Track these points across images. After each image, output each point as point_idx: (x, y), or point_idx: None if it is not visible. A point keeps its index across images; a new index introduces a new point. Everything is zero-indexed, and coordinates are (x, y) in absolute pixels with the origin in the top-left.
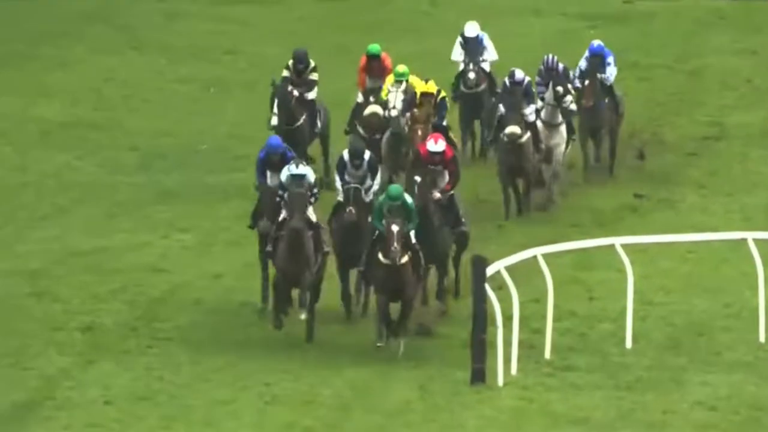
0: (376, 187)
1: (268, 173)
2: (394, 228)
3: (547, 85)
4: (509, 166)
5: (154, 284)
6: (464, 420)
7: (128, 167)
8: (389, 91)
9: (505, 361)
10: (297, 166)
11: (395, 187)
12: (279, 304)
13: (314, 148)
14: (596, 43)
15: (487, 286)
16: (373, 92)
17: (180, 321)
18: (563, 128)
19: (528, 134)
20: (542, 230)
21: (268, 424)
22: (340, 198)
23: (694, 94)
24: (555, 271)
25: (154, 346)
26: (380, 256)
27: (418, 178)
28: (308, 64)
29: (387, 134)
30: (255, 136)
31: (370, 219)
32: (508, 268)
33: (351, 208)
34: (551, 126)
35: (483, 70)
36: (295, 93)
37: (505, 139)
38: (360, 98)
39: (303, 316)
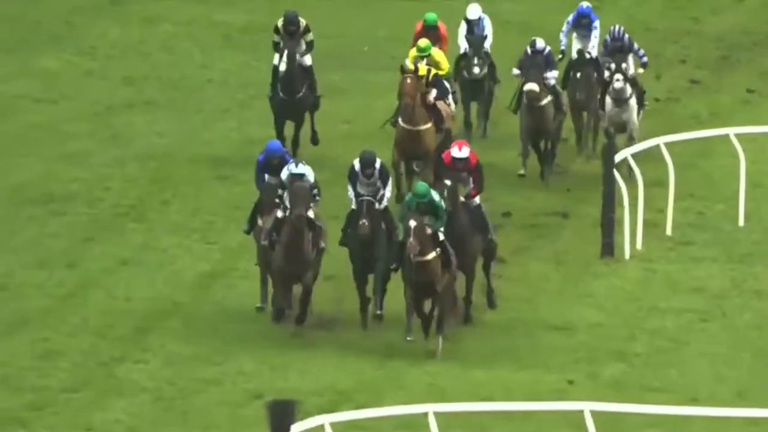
0: (388, 194)
1: (266, 177)
2: (411, 223)
3: (611, 56)
4: (530, 128)
5: None
6: (594, 289)
7: None
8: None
9: (631, 237)
10: (297, 165)
11: (422, 185)
12: (279, 300)
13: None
14: (585, 4)
15: (615, 172)
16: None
17: None
18: (633, 101)
19: (549, 97)
20: (663, 124)
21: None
22: (353, 206)
23: None
24: (675, 159)
25: None
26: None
27: (448, 182)
28: (299, 24)
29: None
30: (407, 38)
31: (383, 226)
32: (634, 155)
33: (364, 220)
34: (620, 101)
35: (486, 55)
36: (297, 57)
37: (525, 98)
38: (407, 64)
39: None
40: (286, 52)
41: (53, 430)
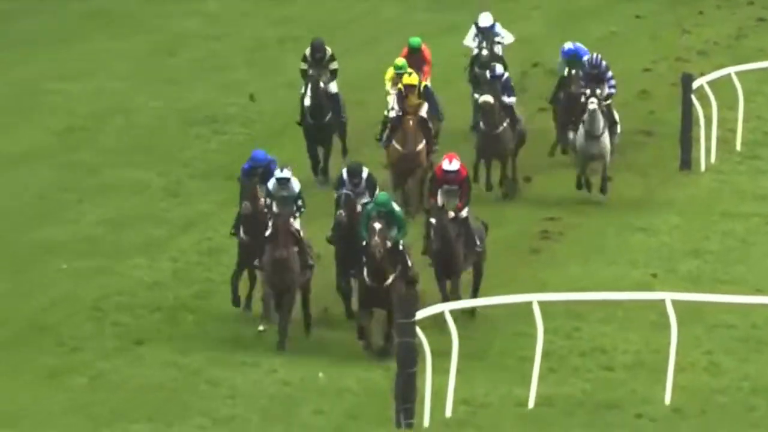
0: None
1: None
2: (377, 225)
3: (587, 83)
4: (486, 153)
5: None
6: (674, 197)
7: None
8: (389, 93)
9: (706, 153)
10: (282, 170)
11: (383, 194)
12: (266, 313)
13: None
14: (567, 46)
15: (692, 97)
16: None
17: None
18: (605, 137)
19: (506, 123)
20: (734, 56)
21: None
22: (341, 211)
23: None
24: (744, 85)
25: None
26: (365, 274)
27: (433, 201)
28: (325, 53)
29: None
30: None
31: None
32: (710, 82)
33: (341, 211)
34: (592, 137)
35: (496, 54)
36: (322, 84)
37: (480, 109)
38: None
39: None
40: (310, 82)
41: (216, 315)
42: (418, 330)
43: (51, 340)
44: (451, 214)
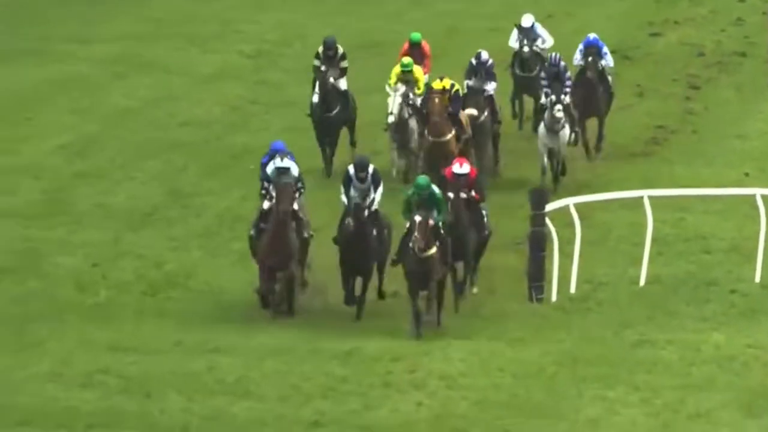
0: (378, 198)
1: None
2: (417, 218)
3: (550, 83)
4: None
5: None
6: (765, 108)
7: None
8: (389, 94)
9: None
10: (282, 159)
11: (423, 178)
12: (262, 288)
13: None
14: (592, 36)
15: None
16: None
17: None
18: (565, 131)
19: (486, 113)
20: None
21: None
22: (349, 219)
23: None
24: None
25: None
26: (411, 245)
27: (451, 195)
28: (337, 50)
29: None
30: None
31: (374, 231)
32: None
33: (349, 219)
34: (553, 131)
35: (537, 54)
36: (331, 80)
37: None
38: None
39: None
40: (318, 77)
41: None
42: (547, 220)
43: (243, 227)
44: (463, 195)
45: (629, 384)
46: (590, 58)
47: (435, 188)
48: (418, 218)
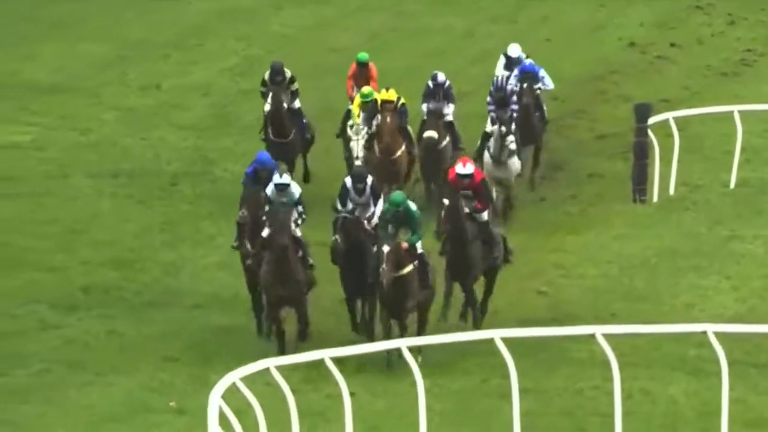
0: (379, 212)
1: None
2: (385, 249)
3: (498, 109)
4: (428, 167)
5: None
6: None
7: None
8: (351, 139)
9: None
10: (281, 176)
11: (398, 194)
12: (259, 317)
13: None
14: (528, 61)
15: None
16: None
17: None
18: (512, 162)
19: (447, 139)
20: None
21: None
22: (336, 236)
23: None
24: None
25: None
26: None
27: (446, 201)
28: (285, 75)
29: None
30: None
31: (375, 247)
32: None
33: (337, 236)
34: (499, 162)
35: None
36: (285, 105)
37: (424, 143)
38: (351, 105)
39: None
40: (271, 96)
41: None
42: (649, 132)
43: None
44: (467, 209)
45: (721, 273)
46: (525, 84)
47: (411, 205)
48: (386, 249)
